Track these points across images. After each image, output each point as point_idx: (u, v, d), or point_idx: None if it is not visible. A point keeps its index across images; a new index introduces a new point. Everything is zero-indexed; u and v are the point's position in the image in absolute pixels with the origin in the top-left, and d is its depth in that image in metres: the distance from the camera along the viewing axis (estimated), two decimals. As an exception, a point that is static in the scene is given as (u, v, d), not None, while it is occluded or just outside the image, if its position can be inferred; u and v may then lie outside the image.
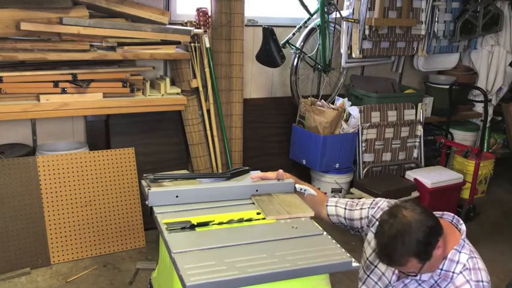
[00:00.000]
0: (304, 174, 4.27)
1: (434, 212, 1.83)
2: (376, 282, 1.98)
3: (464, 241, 1.83)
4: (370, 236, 2.00)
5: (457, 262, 1.78)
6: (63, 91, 3.18)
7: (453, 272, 1.78)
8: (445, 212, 1.92)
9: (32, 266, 3.25)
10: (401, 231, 1.67)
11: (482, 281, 1.76)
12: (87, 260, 3.41)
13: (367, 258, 2.05)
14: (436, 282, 1.82)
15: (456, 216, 1.91)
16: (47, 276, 3.20)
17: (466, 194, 4.39)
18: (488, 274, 1.80)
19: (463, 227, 1.86)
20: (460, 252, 1.79)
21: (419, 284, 1.85)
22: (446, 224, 1.85)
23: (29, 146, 3.51)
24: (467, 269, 1.78)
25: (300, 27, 4.04)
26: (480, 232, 4.19)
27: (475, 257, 1.81)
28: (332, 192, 4.15)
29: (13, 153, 3.35)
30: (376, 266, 2.00)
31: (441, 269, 1.79)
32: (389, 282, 1.94)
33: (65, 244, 3.36)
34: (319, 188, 4.18)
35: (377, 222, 1.94)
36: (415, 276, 1.83)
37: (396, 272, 1.92)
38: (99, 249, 3.47)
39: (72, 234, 3.39)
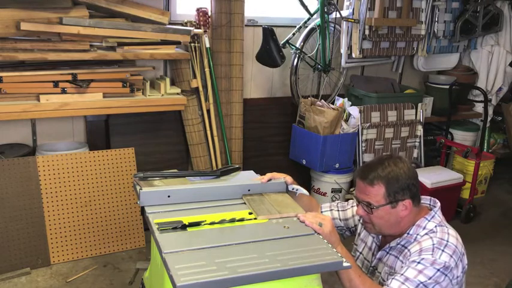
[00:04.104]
0: (304, 174, 4.27)
1: None
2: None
3: (436, 213, 1.90)
4: (359, 229, 2.10)
5: (424, 228, 1.86)
6: (63, 91, 3.18)
7: (417, 234, 1.85)
8: (423, 196, 1.98)
9: (32, 266, 3.25)
10: (390, 164, 1.82)
11: (447, 241, 1.79)
12: (87, 260, 3.41)
13: (358, 251, 2.12)
14: (403, 245, 1.88)
15: (433, 199, 1.98)
16: (47, 276, 3.20)
17: (466, 194, 4.39)
18: (460, 244, 1.82)
19: (438, 204, 1.94)
20: (428, 221, 1.87)
21: (388, 252, 1.93)
22: (422, 208, 1.93)
23: (29, 146, 3.51)
24: (433, 232, 1.83)
25: (300, 27, 4.04)
26: (480, 232, 4.20)
27: (445, 226, 1.87)
28: (332, 192, 4.15)
29: (13, 153, 3.35)
30: (361, 253, 2.09)
31: (407, 233, 1.87)
32: (371, 265, 2.02)
33: (65, 244, 3.36)
34: (318, 188, 4.19)
35: None
36: (368, 223, 1.89)
37: (376, 255, 1.99)
38: (99, 249, 3.47)
39: (72, 234, 3.39)
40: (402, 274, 1.72)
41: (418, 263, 1.73)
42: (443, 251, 1.75)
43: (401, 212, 1.84)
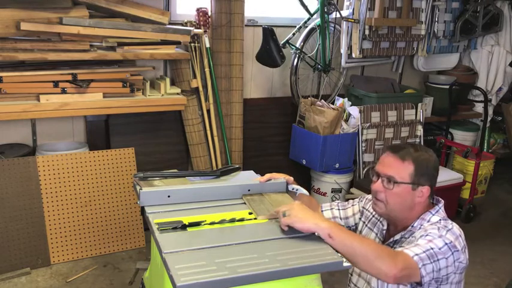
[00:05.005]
0: (304, 174, 4.27)
1: None
2: None
3: (440, 208, 1.92)
4: (361, 226, 2.11)
5: (428, 221, 1.88)
6: (63, 91, 3.18)
7: (421, 225, 1.87)
8: None
9: (32, 266, 3.25)
10: (422, 149, 1.90)
11: (450, 229, 1.80)
12: (87, 260, 3.41)
13: None
14: (407, 238, 1.89)
15: (436, 197, 1.99)
16: (47, 276, 3.20)
17: (466, 194, 4.39)
18: (462, 237, 1.83)
19: (442, 202, 1.97)
20: (433, 215, 1.89)
21: (392, 246, 1.92)
22: (428, 204, 1.95)
23: (29, 146, 3.51)
24: (437, 223, 1.85)
25: (300, 27, 4.04)
26: (480, 232, 4.20)
27: (448, 220, 1.89)
28: (332, 192, 4.15)
29: (13, 153, 3.35)
30: None
31: (412, 226, 1.89)
32: None
33: (65, 244, 3.36)
34: (318, 188, 4.20)
35: (368, 212, 2.11)
36: (380, 201, 1.89)
37: None
38: (99, 249, 3.47)
39: (72, 234, 3.39)
40: (413, 245, 1.74)
41: (427, 235, 1.75)
42: (448, 231, 1.77)
43: (418, 198, 1.86)
